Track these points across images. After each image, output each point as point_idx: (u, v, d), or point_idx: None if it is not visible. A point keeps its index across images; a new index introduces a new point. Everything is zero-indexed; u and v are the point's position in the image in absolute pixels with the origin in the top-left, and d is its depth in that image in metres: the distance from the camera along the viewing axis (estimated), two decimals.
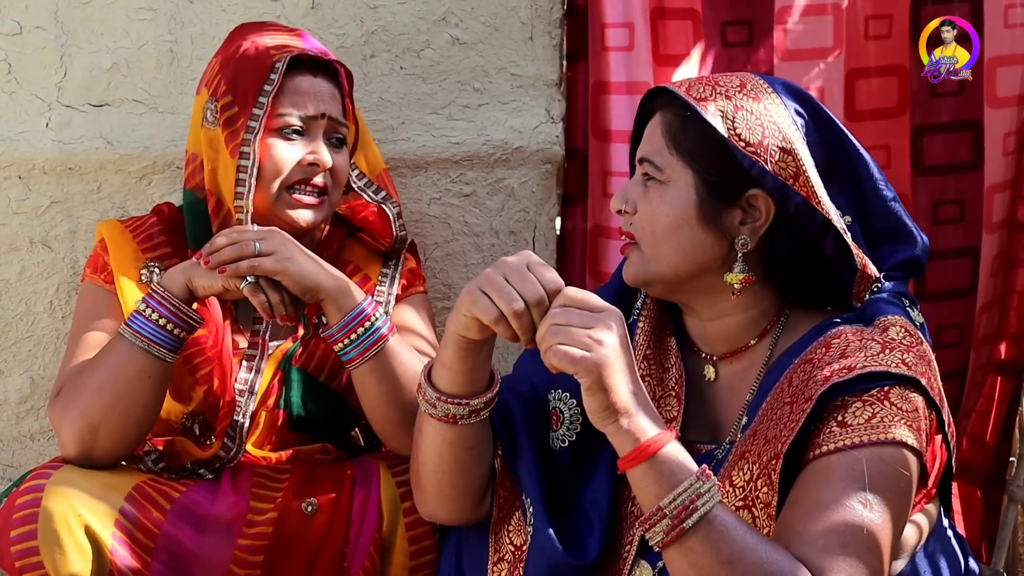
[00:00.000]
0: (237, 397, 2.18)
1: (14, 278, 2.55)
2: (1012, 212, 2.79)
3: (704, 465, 1.63)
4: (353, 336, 2.06)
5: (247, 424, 2.17)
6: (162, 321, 2.02)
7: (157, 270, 2.21)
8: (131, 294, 2.18)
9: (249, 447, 2.20)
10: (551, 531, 1.80)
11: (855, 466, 1.63)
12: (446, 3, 2.61)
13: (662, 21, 2.65)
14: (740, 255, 1.81)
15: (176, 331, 2.03)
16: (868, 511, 1.60)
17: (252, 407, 2.19)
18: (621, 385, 1.62)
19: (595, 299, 1.67)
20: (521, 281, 1.68)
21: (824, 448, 1.66)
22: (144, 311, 2.02)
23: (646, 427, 1.63)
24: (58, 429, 2.06)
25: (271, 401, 2.23)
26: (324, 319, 2.12)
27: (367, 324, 2.06)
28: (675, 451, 1.63)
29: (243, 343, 2.23)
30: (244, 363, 2.21)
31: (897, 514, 1.64)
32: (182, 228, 2.27)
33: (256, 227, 2.09)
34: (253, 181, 2.15)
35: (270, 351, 2.24)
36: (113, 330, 2.12)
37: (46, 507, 1.90)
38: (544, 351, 1.65)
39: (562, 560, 1.79)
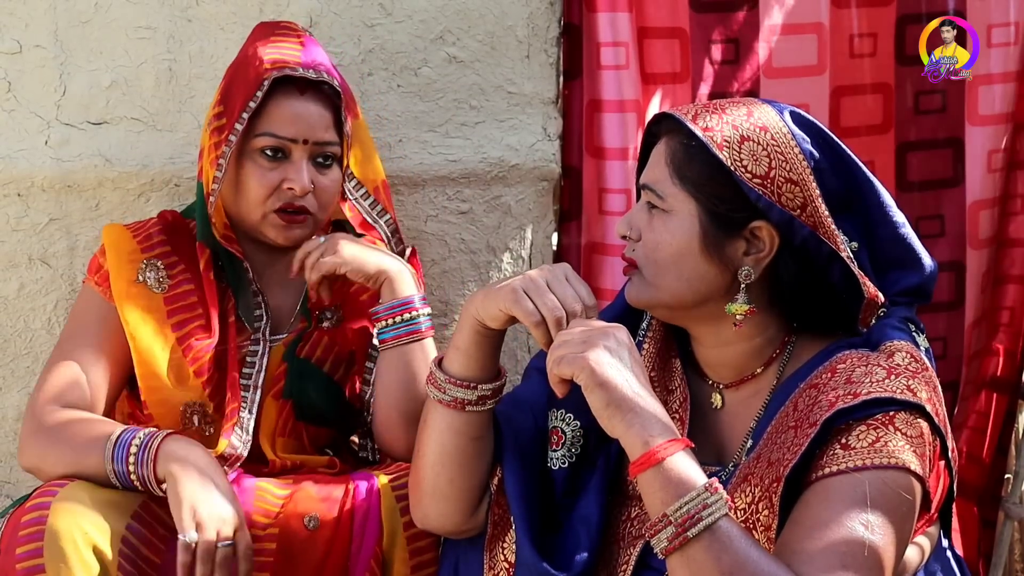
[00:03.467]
0: (242, 393, 2.20)
1: (12, 295, 2.54)
2: (1001, 228, 2.83)
3: (715, 478, 1.63)
4: (397, 319, 2.18)
5: (253, 419, 2.18)
6: (132, 469, 2.01)
7: (157, 266, 2.23)
8: (126, 300, 2.19)
9: (264, 444, 2.21)
10: (532, 546, 1.81)
11: (857, 488, 1.63)
12: (443, 22, 2.62)
13: (648, 40, 2.67)
14: (744, 285, 1.80)
15: (138, 485, 2.03)
16: (869, 532, 1.60)
17: (257, 402, 2.21)
18: (619, 381, 1.65)
19: (600, 323, 1.74)
20: (563, 291, 1.77)
21: (827, 470, 1.66)
22: (131, 444, 2.02)
23: (655, 432, 1.63)
24: (23, 439, 2.13)
25: (276, 389, 2.25)
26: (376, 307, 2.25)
27: (411, 314, 2.18)
28: (684, 460, 1.62)
29: (244, 339, 2.25)
30: (247, 359, 2.23)
31: (898, 537, 1.64)
32: (184, 231, 2.30)
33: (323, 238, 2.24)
34: (218, 194, 2.18)
35: (272, 344, 2.26)
36: (96, 340, 2.17)
37: (52, 525, 1.90)
38: (549, 368, 1.69)
39: (546, 573, 1.79)
